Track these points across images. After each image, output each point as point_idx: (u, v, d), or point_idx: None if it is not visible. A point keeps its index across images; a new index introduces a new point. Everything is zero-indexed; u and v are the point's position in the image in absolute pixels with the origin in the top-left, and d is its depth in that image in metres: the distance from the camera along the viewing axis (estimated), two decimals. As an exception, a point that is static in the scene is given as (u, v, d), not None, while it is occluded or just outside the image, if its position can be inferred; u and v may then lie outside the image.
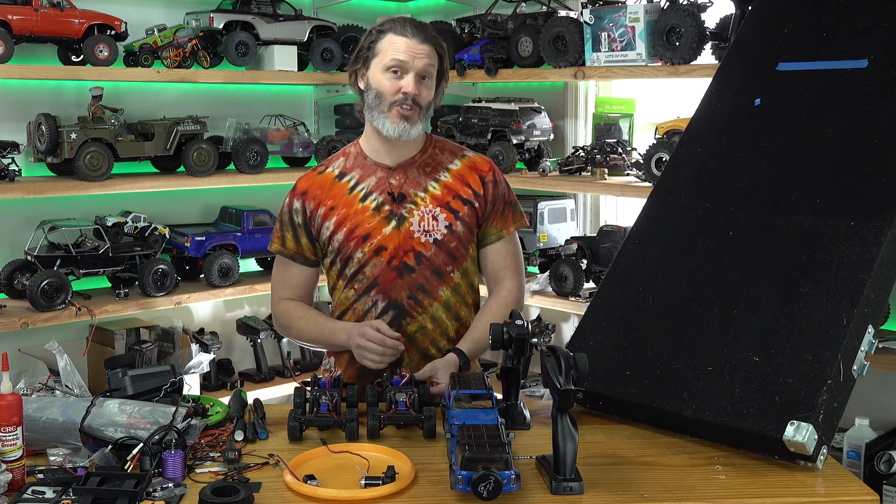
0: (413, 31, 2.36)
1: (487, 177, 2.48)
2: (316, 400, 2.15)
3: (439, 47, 2.41)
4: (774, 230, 2.27)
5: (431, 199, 2.42)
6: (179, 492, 1.84)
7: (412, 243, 2.40)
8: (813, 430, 1.90)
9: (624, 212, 4.15)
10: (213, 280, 3.89)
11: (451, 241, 2.42)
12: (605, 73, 3.64)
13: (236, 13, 3.95)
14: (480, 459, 1.76)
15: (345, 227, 2.42)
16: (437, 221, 2.41)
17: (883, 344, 2.88)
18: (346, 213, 2.43)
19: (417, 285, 2.40)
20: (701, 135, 2.62)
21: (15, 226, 3.66)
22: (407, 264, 2.40)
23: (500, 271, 2.51)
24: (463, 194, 2.45)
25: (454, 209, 2.43)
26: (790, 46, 2.63)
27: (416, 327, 2.42)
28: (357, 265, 2.42)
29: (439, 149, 2.50)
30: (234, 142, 3.97)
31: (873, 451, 2.80)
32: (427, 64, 2.36)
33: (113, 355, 2.96)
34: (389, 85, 2.36)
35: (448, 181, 2.45)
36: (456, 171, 2.47)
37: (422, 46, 2.35)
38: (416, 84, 2.36)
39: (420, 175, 2.44)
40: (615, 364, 2.25)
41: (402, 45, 2.35)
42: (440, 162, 2.47)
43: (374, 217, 2.41)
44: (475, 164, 2.49)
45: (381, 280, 2.40)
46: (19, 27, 3.37)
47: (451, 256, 2.42)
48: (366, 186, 2.44)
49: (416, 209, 2.41)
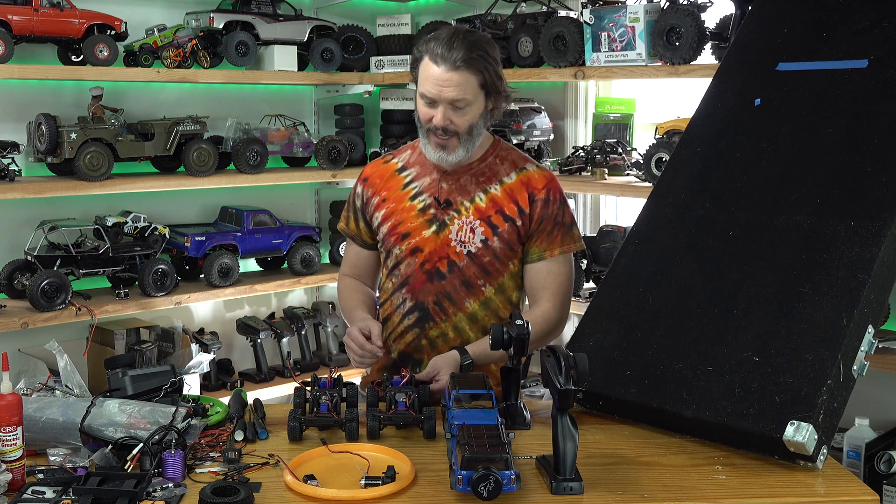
0: (443, 58, 2.29)
1: (539, 195, 2.43)
2: (316, 400, 2.15)
3: (475, 70, 2.30)
4: (774, 230, 2.27)
5: (475, 211, 2.42)
6: (179, 492, 1.84)
7: (448, 251, 2.41)
8: (813, 430, 1.90)
9: (624, 212, 4.15)
10: (213, 280, 3.89)
11: (485, 256, 2.41)
12: (605, 73, 3.64)
13: (236, 13, 3.95)
14: (480, 459, 1.76)
15: (390, 221, 2.47)
16: (473, 234, 2.41)
17: (883, 344, 2.88)
18: (395, 207, 2.47)
19: (445, 293, 2.41)
20: (701, 135, 2.62)
21: (15, 226, 3.66)
22: (439, 270, 2.42)
23: (539, 291, 2.46)
24: (507, 210, 2.42)
25: (494, 224, 2.41)
26: (790, 46, 2.63)
27: (438, 333, 2.43)
28: (395, 260, 2.47)
29: (501, 158, 2.47)
30: (234, 142, 3.97)
31: (873, 451, 2.80)
32: (455, 95, 2.30)
33: (113, 355, 2.96)
34: (424, 112, 2.37)
35: (497, 194, 2.43)
36: (509, 184, 2.43)
37: (450, 76, 2.29)
38: (448, 114, 2.32)
39: (471, 183, 2.43)
40: (615, 364, 2.25)
41: (432, 76, 2.31)
42: (496, 172, 2.45)
43: (418, 218, 2.44)
44: (530, 179, 2.44)
45: (411, 280, 2.44)
46: (19, 27, 3.37)
47: (484, 270, 2.42)
48: (419, 185, 2.46)
49: (457, 218, 2.42)
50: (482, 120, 2.39)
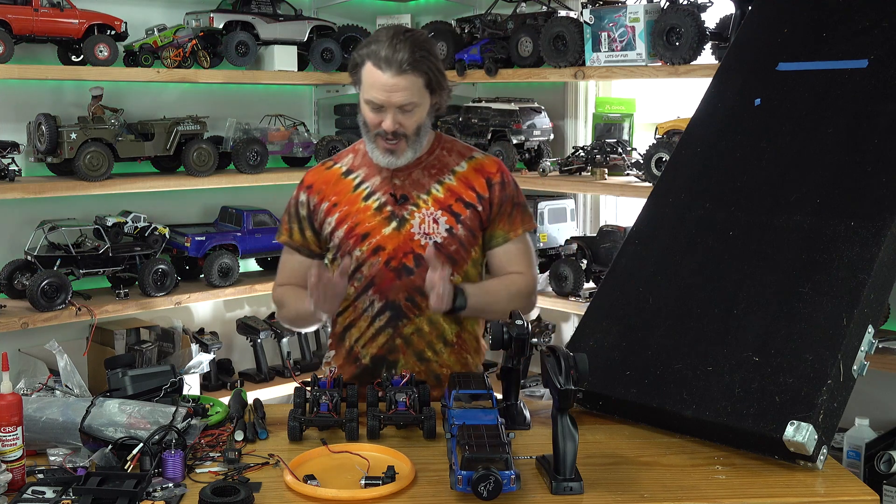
0: (387, 62, 2.25)
1: (494, 178, 2.45)
2: (316, 400, 2.15)
3: (420, 72, 2.28)
4: (774, 230, 2.27)
5: (433, 202, 2.41)
6: (179, 492, 1.84)
7: (412, 245, 2.39)
8: (813, 430, 1.90)
9: (624, 212, 4.15)
10: (213, 280, 3.89)
11: (452, 245, 2.41)
12: (605, 73, 3.64)
13: (236, 13, 3.95)
14: (480, 459, 1.76)
15: (346, 224, 2.42)
16: (437, 224, 2.40)
17: (883, 344, 2.88)
18: (349, 210, 2.43)
19: (415, 287, 2.38)
20: (701, 135, 2.62)
21: (15, 226, 3.66)
22: (406, 266, 2.39)
23: (509, 267, 2.48)
24: (466, 197, 2.43)
25: (456, 212, 2.42)
26: (790, 46, 2.63)
27: (413, 329, 2.41)
28: (355, 263, 2.41)
29: (447, 150, 2.48)
30: (234, 142, 3.97)
31: (873, 451, 2.80)
32: (403, 99, 2.28)
33: (113, 355, 2.96)
34: (371, 117, 2.33)
35: (452, 184, 2.43)
36: (461, 173, 2.45)
37: (396, 80, 2.26)
38: (397, 117, 2.30)
39: (424, 177, 2.43)
40: (615, 364, 2.25)
41: (378, 82, 2.27)
42: (446, 164, 2.46)
43: (374, 217, 2.41)
44: (482, 165, 2.46)
45: (378, 280, 2.40)
46: (19, 27, 3.37)
47: (451, 260, 2.40)
48: (370, 185, 2.44)
49: (417, 211, 2.40)
50: (428, 119, 2.39)
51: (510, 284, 2.45)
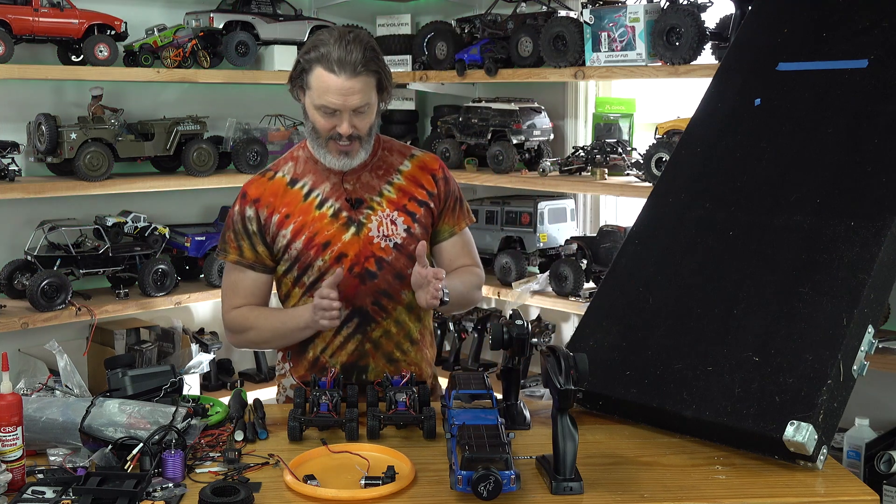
0: (340, 65, 2.20)
1: (438, 174, 2.46)
2: (316, 400, 2.15)
3: (371, 71, 2.25)
4: (774, 230, 2.27)
5: (388, 203, 2.40)
6: (179, 492, 1.84)
7: (372, 249, 2.37)
8: (813, 430, 1.90)
9: (624, 212, 4.15)
10: (213, 280, 3.88)
11: (411, 244, 2.38)
12: (605, 73, 3.64)
13: (236, 13, 3.95)
14: (480, 459, 1.76)
15: (303, 234, 2.36)
16: (395, 225, 2.39)
17: (883, 344, 2.88)
18: (304, 220, 2.37)
19: (381, 290, 2.37)
20: (701, 135, 2.62)
21: (15, 226, 3.66)
22: (369, 270, 2.37)
23: (459, 259, 2.50)
24: (418, 195, 2.42)
25: (411, 211, 2.41)
26: (790, 46, 2.63)
27: (381, 332, 2.39)
28: (317, 273, 2.37)
29: (387, 149, 2.46)
30: (234, 142, 3.97)
31: (873, 451, 2.80)
32: (359, 101, 2.24)
33: (113, 355, 2.96)
34: (323, 122, 2.28)
35: (402, 184, 2.42)
36: (407, 172, 2.44)
37: (351, 83, 2.22)
38: (352, 120, 2.26)
39: (373, 179, 2.41)
40: (615, 364, 2.25)
41: (332, 86, 2.22)
42: (391, 164, 2.44)
43: (332, 224, 2.36)
44: (425, 163, 2.46)
45: (342, 287, 2.31)
46: (19, 27, 3.37)
47: (412, 259, 2.36)
48: (321, 192, 2.39)
49: (373, 214, 2.38)
50: (377, 119, 2.36)
51: (466, 278, 2.46)
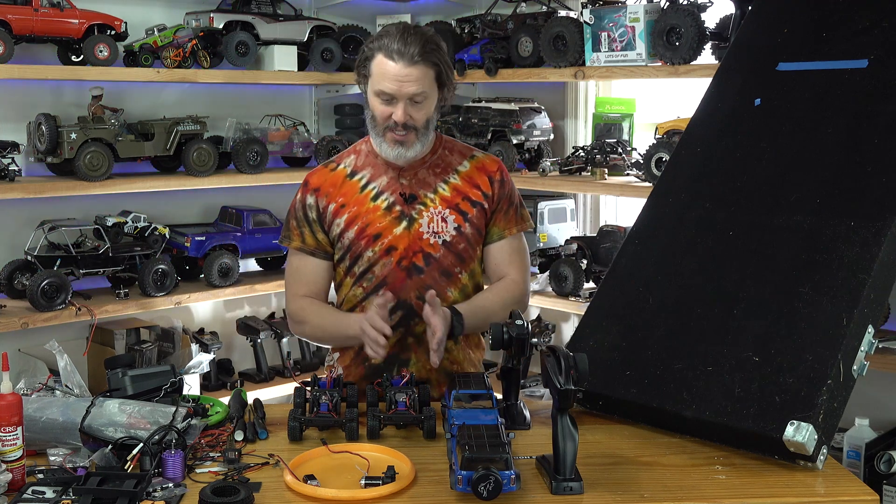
0: (399, 53, 2.27)
1: (495, 177, 2.47)
2: (316, 400, 2.15)
3: (431, 63, 2.31)
4: (774, 230, 2.27)
5: (441, 201, 2.42)
6: (179, 492, 1.84)
7: (421, 244, 2.40)
8: (813, 430, 1.90)
9: (624, 212, 4.15)
10: (213, 280, 3.89)
11: (460, 243, 2.42)
12: (605, 73, 3.64)
13: (236, 13, 3.95)
14: (480, 459, 1.76)
15: (356, 224, 2.42)
16: (445, 223, 2.41)
17: (883, 344, 2.88)
18: (358, 210, 2.43)
19: (426, 286, 2.39)
20: (701, 135, 2.62)
21: (15, 226, 3.66)
22: (416, 265, 2.40)
23: (504, 267, 2.49)
24: (472, 196, 2.45)
25: (463, 211, 2.43)
26: (790, 46, 2.63)
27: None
28: (367, 264, 2.42)
29: (449, 149, 2.50)
30: (234, 142, 3.97)
31: (873, 451, 2.80)
32: (416, 90, 2.29)
33: (113, 355, 2.96)
34: (381, 110, 2.34)
35: (457, 183, 2.45)
36: (465, 172, 2.46)
37: (409, 71, 2.28)
38: (408, 109, 2.31)
39: (430, 176, 2.44)
40: (615, 364, 2.25)
41: (390, 73, 2.29)
42: (449, 163, 2.47)
43: (385, 217, 2.41)
44: (484, 164, 2.49)
45: (390, 280, 2.40)
46: (19, 27, 3.37)
47: (460, 258, 2.42)
48: (377, 185, 2.44)
49: (425, 210, 2.41)
50: (436, 113, 2.40)
51: (504, 293, 2.46)
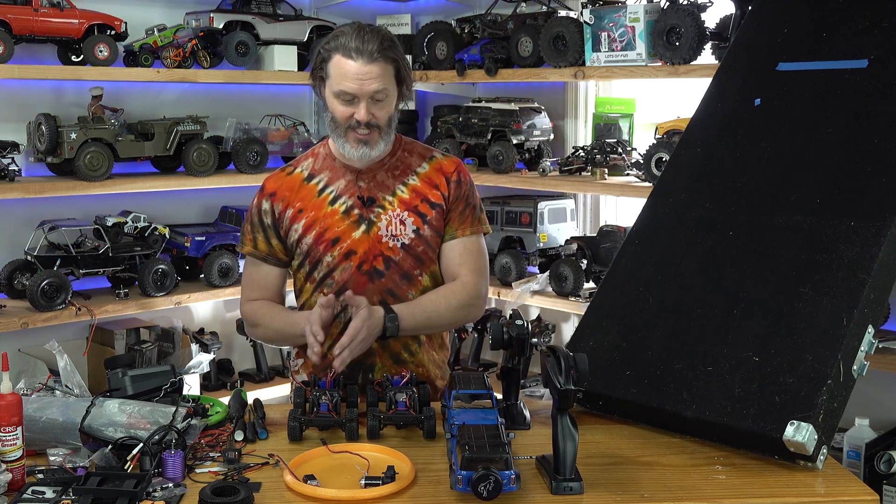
0: (358, 51, 2.25)
1: (452, 177, 2.44)
2: (316, 400, 2.15)
3: (391, 59, 2.30)
4: (774, 230, 2.27)
5: (399, 203, 2.40)
6: (179, 492, 1.84)
7: (381, 248, 2.37)
8: (813, 430, 1.90)
9: (624, 212, 4.15)
10: (213, 280, 3.89)
11: (419, 246, 2.40)
12: (605, 73, 3.64)
13: (236, 13, 3.95)
14: (480, 459, 1.76)
15: (314, 230, 2.39)
16: (404, 226, 2.39)
17: (883, 344, 2.88)
18: (316, 215, 2.39)
19: (387, 290, 2.37)
20: (701, 135, 2.62)
21: (15, 226, 3.66)
22: (377, 269, 2.37)
23: (457, 268, 2.44)
24: (431, 197, 2.42)
25: (422, 213, 2.41)
26: (790, 46, 2.63)
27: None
28: (326, 269, 2.39)
29: (408, 151, 2.47)
30: (234, 142, 3.97)
31: (873, 451, 2.80)
32: (378, 87, 2.28)
33: (113, 355, 2.96)
34: (342, 111, 2.31)
35: (416, 185, 2.42)
36: (423, 174, 2.44)
37: (369, 68, 2.26)
38: (370, 108, 2.29)
39: (388, 178, 2.42)
40: (615, 364, 2.25)
41: (350, 72, 2.26)
42: (409, 165, 2.45)
43: (343, 221, 2.38)
44: (442, 165, 2.46)
45: (350, 284, 2.35)
46: (19, 27, 3.37)
47: (419, 260, 2.40)
48: (335, 189, 2.41)
49: (384, 213, 2.39)
50: (396, 112, 2.38)
51: (449, 296, 2.41)
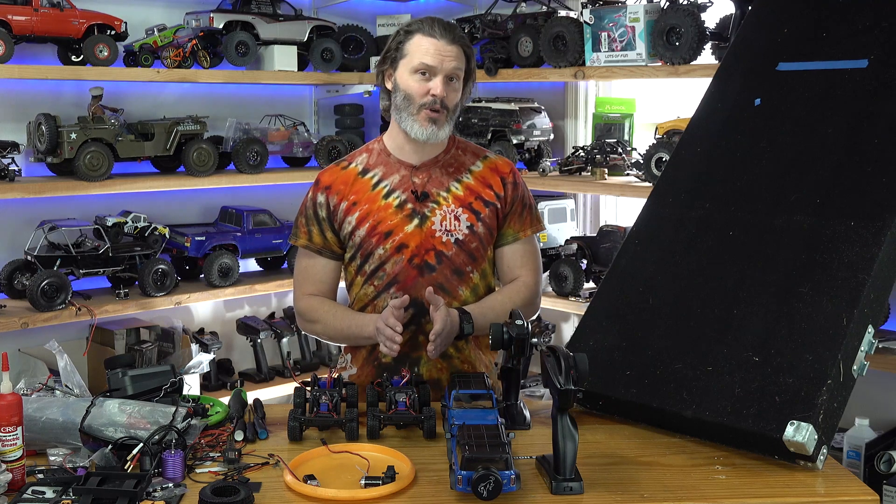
0: (441, 32, 2.37)
1: (508, 178, 2.48)
2: (316, 400, 2.15)
3: (467, 48, 2.41)
4: (774, 230, 2.27)
5: (454, 199, 2.43)
6: (179, 492, 1.84)
7: (433, 242, 2.40)
8: (813, 430, 1.90)
9: (624, 212, 4.15)
10: (213, 280, 3.89)
11: (472, 242, 2.43)
12: (605, 73, 3.64)
13: (236, 13, 3.95)
14: (480, 459, 1.76)
15: (367, 222, 2.42)
16: (458, 221, 2.42)
17: (883, 344, 2.88)
18: (369, 208, 2.43)
19: (437, 284, 2.39)
20: (701, 135, 2.62)
21: (15, 226, 3.66)
22: (428, 263, 2.40)
23: (518, 269, 2.51)
24: (485, 196, 2.45)
25: (476, 210, 2.44)
26: (790, 46, 2.63)
27: None
28: (378, 262, 2.42)
29: (462, 149, 2.51)
30: (234, 142, 3.97)
31: (873, 451, 2.80)
32: (455, 66, 2.37)
33: (113, 355, 2.96)
34: (418, 87, 2.36)
35: (470, 182, 2.46)
36: (478, 172, 2.47)
37: (450, 48, 2.36)
38: (445, 86, 2.36)
39: (443, 175, 2.45)
40: (615, 364, 2.25)
41: (431, 48, 2.35)
42: (462, 163, 2.48)
43: (396, 214, 2.41)
44: (497, 165, 2.50)
45: (401, 278, 2.40)
46: (19, 27, 3.37)
47: (471, 257, 2.43)
48: (389, 183, 2.44)
49: (438, 208, 2.42)
50: (461, 102, 2.45)
51: (514, 295, 2.47)
